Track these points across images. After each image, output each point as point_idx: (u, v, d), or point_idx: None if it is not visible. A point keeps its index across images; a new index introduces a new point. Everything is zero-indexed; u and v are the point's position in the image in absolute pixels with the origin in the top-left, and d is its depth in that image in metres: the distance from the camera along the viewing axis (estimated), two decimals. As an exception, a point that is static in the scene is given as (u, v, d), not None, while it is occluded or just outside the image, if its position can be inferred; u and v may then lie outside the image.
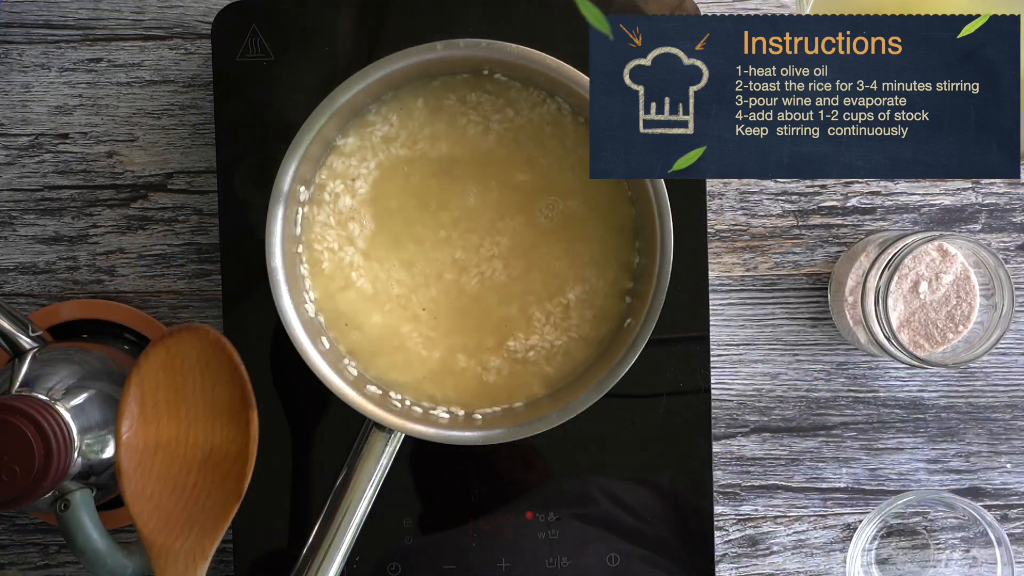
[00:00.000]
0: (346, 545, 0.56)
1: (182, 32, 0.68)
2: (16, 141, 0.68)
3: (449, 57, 0.57)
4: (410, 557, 0.64)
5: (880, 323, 0.62)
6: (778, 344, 0.69)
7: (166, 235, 0.68)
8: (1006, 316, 0.62)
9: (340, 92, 0.57)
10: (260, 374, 0.63)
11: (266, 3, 0.63)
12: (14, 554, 0.69)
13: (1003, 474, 0.69)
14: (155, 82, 0.68)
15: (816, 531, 0.69)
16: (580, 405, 0.57)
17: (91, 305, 0.67)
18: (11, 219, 0.68)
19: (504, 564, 0.64)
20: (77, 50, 0.68)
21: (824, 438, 0.69)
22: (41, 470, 0.53)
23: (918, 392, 0.69)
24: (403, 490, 0.64)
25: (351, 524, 0.56)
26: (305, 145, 0.57)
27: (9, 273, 0.68)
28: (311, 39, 0.63)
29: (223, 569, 0.68)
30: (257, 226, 0.58)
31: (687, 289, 0.63)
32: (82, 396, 0.59)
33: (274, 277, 0.57)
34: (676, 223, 0.57)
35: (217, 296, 0.68)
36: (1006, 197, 0.68)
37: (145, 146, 0.68)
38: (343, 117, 0.59)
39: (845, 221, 0.68)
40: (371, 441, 0.57)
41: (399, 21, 0.63)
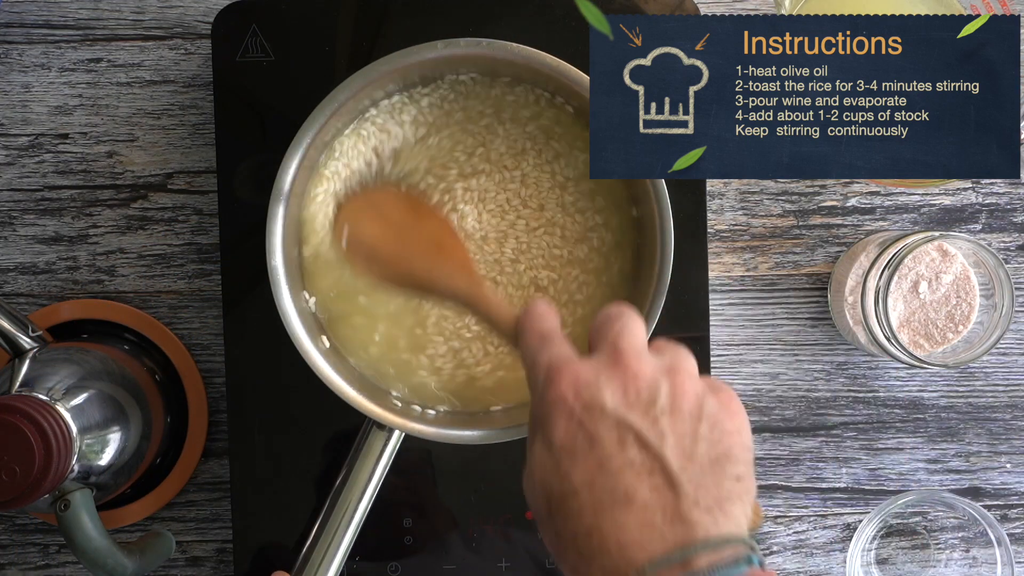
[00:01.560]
0: (346, 544, 0.56)
1: (182, 32, 0.68)
2: (16, 141, 0.68)
3: (450, 56, 0.57)
4: (410, 557, 0.64)
5: (880, 323, 0.62)
6: (778, 344, 0.69)
7: (166, 235, 0.68)
8: (1006, 316, 0.62)
9: (340, 91, 0.57)
10: (260, 374, 0.63)
11: (266, 3, 0.63)
12: (14, 554, 0.69)
13: (1003, 474, 0.69)
14: (155, 82, 0.68)
15: (816, 531, 0.69)
16: None
17: (91, 305, 0.67)
18: (11, 219, 0.68)
19: (504, 564, 0.64)
20: (77, 50, 0.68)
21: (824, 438, 0.69)
22: (41, 470, 0.53)
23: (918, 392, 0.69)
24: (403, 490, 0.64)
25: (351, 524, 0.56)
26: (305, 145, 0.57)
27: (9, 273, 0.68)
28: (311, 39, 0.63)
29: (223, 569, 0.68)
30: (257, 226, 0.58)
31: (687, 289, 0.63)
32: (82, 396, 0.58)
33: (274, 276, 0.57)
34: (676, 223, 0.56)
35: (217, 296, 0.68)
36: (1006, 197, 0.68)
37: (145, 146, 0.68)
38: (343, 117, 0.59)
39: (845, 221, 0.68)
40: (371, 440, 0.57)
41: (399, 21, 0.63)
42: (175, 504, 0.68)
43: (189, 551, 0.69)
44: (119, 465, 0.60)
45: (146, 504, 0.67)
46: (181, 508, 0.69)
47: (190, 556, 0.69)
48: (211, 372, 0.68)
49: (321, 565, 0.55)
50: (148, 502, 0.67)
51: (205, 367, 0.68)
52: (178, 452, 0.67)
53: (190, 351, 0.67)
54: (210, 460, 0.69)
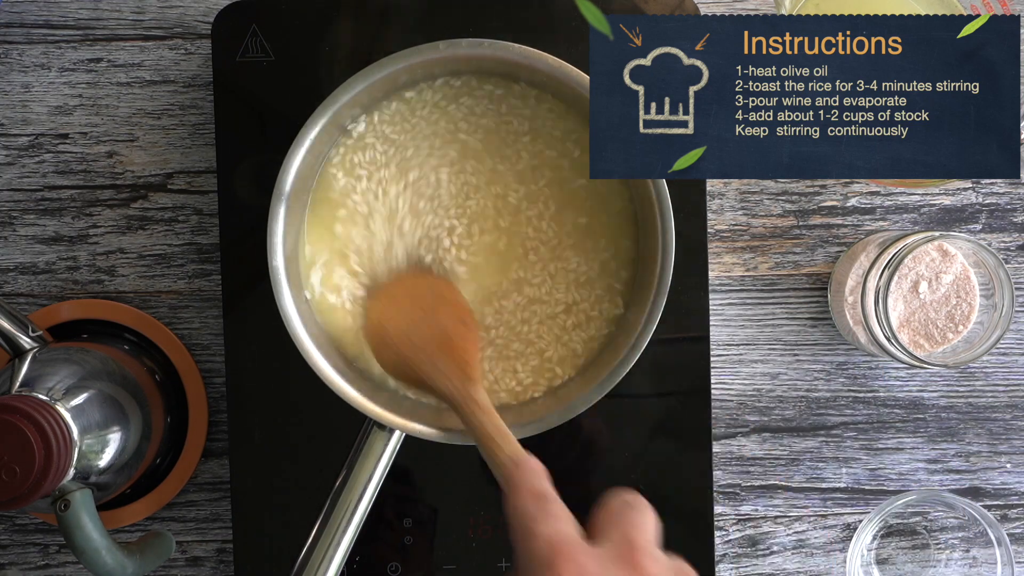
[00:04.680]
0: (346, 544, 0.56)
1: (182, 32, 0.68)
2: (16, 141, 0.68)
3: (452, 56, 0.57)
4: (410, 557, 0.64)
5: (880, 323, 0.62)
6: (778, 344, 0.69)
7: (166, 235, 0.68)
8: (1006, 316, 0.62)
9: (342, 91, 0.56)
10: (260, 374, 0.63)
11: (266, 3, 0.63)
12: (14, 554, 0.69)
13: (1003, 474, 0.69)
14: (155, 82, 0.68)
15: (816, 531, 0.69)
16: (580, 405, 0.57)
17: (91, 305, 0.67)
18: (11, 219, 0.68)
19: (504, 564, 0.64)
20: (77, 50, 0.68)
21: (824, 438, 0.69)
22: (41, 470, 0.53)
23: (918, 392, 0.69)
24: (403, 490, 0.64)
25: (351, 524, 0.56)
26: (307, 144, 0.57)
27: (9, 273, 0.68)
28: (311, 39, 0.63)
29: (223, 569, 0.68)
30: (257, 226, 0.57)
31: (687, 289, 0.63)
32: (82, 396, 0.58)
33: (275, 276, 0.57)
34: (676, 223, 0.56)
35: (217, 296, 0.68)
36: (1006, 197, 0.68)
37: (145, 146, 0.68)
38: (345, 117, 0.58)
39: (845, 221, 0.68)
40: (371, 440, 0.57)
41: (399, 21, 0.63)
42: (175, 504, 0.68)
43: (189, 551, 0.69)
44: (119, 465, 0.60)
45: (146, 504, 0.67)
46: (181, 508, 0.69)
47: (190, 556, 0.69)
48: (211, 372, 0.68)
49: (320, 565, 0.55)
50: (148, 502, 0.67)
51: (205, 367, 0.68)
52: (178, 452, 0.67)
53: (190, 351, 0.67)
54: (210, 460, 0.69)
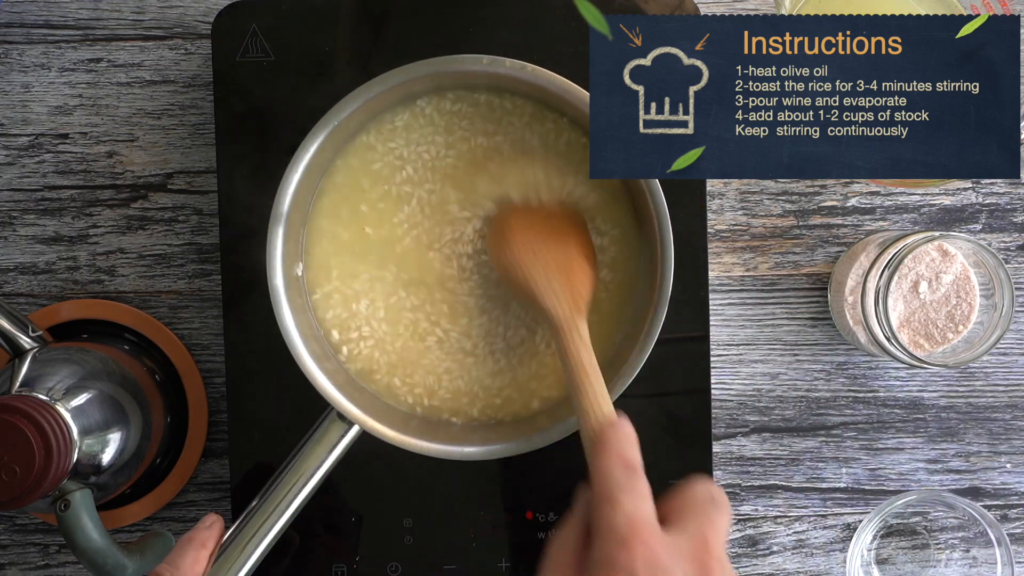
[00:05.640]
0: (280, 526, 0.55)
1: (182, 32, 0.68)
2: (16, 141, 0.68)
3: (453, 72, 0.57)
4: (410, 557, 0.64)
5: (880, 323, 0.62)
6: (778, 344, 0.69)
7: (166, 235, 0.68)
8: (1006, 316, 0.62)
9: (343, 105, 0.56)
10: (260, 374, 0.63)
11: (266, 3, 0.63)
12: (14, 554, 0.69)
13: (1003, 474, 0.69)
14: (155, 82, 0.68)
15: (816, 531, 0.69)
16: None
17: (91, 305, 0.67)
18: (11, 219, 0.68)
19: (504, 564, 0.64)
20: (77, 50, 0.68)
21: (824, 438, 0.69)
22: (41, 470, 0.53)
23: (918, 392, 0.69)
24: (403, 490, 0.64)
25: (290, 506, 0.55)
26: (304, 164, 0.56)
27: (9, 273, 0.68)
28: (311, 39, 0.63)
29: (223, 569, 0.68)
30: (257, 226, 0.57)
31: (687, 289, 0.63)
32: (82, 396, 0.59)
33: (275, 295, 0.57)
34: (676, 223, 0.56)
35: (217, 296, 0.68)
36: (1006, 197, 0.68)
37: (145, 146, 0.68)
38: (342, 135, 0.58)
39: (845, 221, 0.68)
40: (327, 427, 0.57)
41: (399, 22, 0.63)
42: (175, 504, 0.68)
43: (189, 551, 0.69)
44: (119, 465, 0.60)
45: (146, 504, 0.67)
46: (181, 508, 0.69)
47: (190, 556, 0.69)
48: (211, 372, 0.68)
49: (248, 545, 0.55)
50: (148, 502, 0.67)
51: (205, 367, 0.68)
52: (178, 452, 0.67)
53: (190, 351, 0.67)
54: (210, 460, 0.69)
